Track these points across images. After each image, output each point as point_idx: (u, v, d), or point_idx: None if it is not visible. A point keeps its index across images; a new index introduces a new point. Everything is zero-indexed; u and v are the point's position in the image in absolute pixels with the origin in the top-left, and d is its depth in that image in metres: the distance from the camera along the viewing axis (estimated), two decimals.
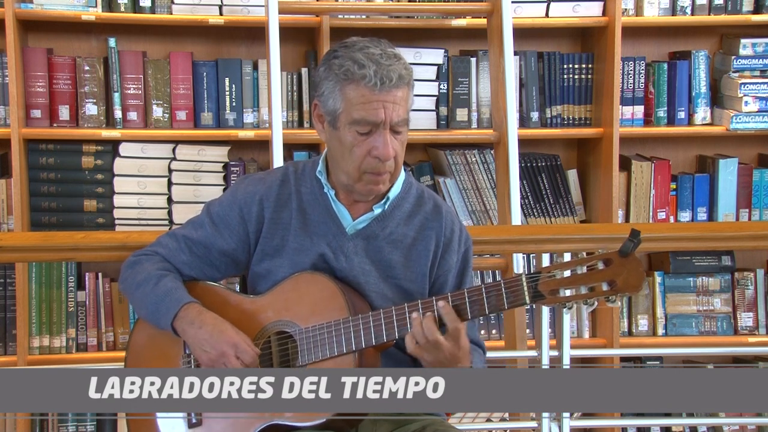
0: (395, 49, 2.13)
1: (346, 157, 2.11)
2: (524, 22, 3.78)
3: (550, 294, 1.98)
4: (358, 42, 2.12)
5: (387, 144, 2.08)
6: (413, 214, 2.22)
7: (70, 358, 3.65)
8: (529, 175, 3.87)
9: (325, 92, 2.12)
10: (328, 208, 2.20)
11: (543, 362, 2.91)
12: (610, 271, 1.95)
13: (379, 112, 2.06)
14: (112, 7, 3.66)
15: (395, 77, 2.06)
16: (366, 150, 2.09)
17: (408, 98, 2.12)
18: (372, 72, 2.05)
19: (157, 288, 2.19)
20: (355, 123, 2.08)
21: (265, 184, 2.24)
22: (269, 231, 2.21)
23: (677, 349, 3.95)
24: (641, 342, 3.92)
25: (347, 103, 2.08)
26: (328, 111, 2.12)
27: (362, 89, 2.06)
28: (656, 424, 3.89)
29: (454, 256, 2.24)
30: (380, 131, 2.08)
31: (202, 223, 2.26)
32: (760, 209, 3.99)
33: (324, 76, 2.12)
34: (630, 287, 1.95)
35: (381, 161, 2.09)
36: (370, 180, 2.12)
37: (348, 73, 2.07)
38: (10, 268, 3.64)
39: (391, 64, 2.07)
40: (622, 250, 1.94)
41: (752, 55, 3.92)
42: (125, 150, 3.70)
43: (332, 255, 2.18)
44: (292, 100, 3.79)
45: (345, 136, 2.10)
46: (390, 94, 2.07)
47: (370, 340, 2.07)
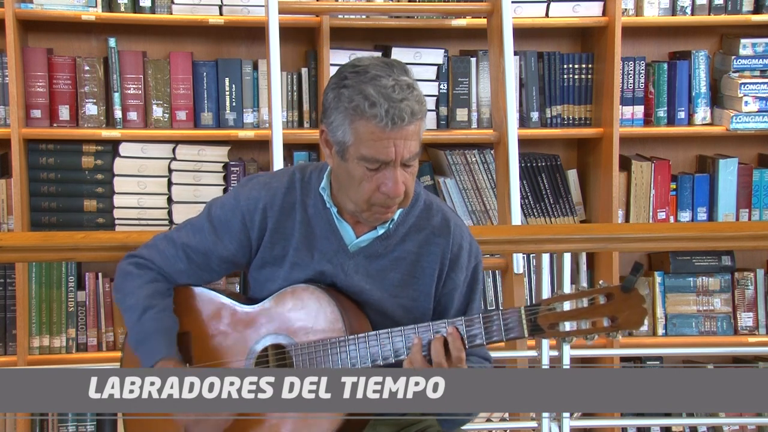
0: (409, 75, 2.03)
1: (354, 189, 2.03)
2: (524, 22, 3.78)
3: (550, 328, 1.94)
4: (369, 68, 2.00)
5: (397, 182, 2.00)
6: (419, 228, 2.15)
7: (70, 358, 3.65)
8: (529, 175, 3.87)
9: (334, 122, 2.01)
10: (330, 223, 2.14)
11: (543, 362, 2.91)
12: (612, 306, 1.92)
13: (389, 151, 1.98)
14: (112, 7, 3.67)
15: (407, 116, 1.97)
16: (375, 185, 2.01)
17: (420, 131, 2.03)
18: (383, 111, 1.94)
19: (140, 325, 2.15)
20: (364, 159, 1.99)
21: (270, 191, 2.17)
22: (271, 240, 2.16)
23: (677, 349, 3.94)
24: (641, 342, 3.92)
25: (357, 138, 1.98)
26: (337, 141, 2.02)
27: (372, 127, 1.96)
28: (656, 424, 3.89)
29: (462, 274, 2.17)
30: (390, 168, 1.99)
31: (201, 227, 2.21)
32: (760, 209, 3.99)
33: (333, 105, 2.01)
34: (631, 324, 1.92)
35: (390, 197, 2.03)
36: (378, 211, 2.05)
37: (358, 109, 1.96)
38: (10, 268, 3.63)
39: (403, 99, 1.96)
40: (625, 286, 1.91)
41: (752, 55, 3.92)
42: (125, 150, 3.70)
43: (332, 272, 2.13)
44: (292, 100, 3.78)
45: (354, 170, 2.01)
46: (401, 132, 1.97)
47: (367, 361, 2.04)
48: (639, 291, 1.91)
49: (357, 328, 2.08)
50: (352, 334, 2.06)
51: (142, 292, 2.18)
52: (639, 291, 1.91)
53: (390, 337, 2.04)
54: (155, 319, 2.16)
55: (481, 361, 2.20)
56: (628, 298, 1.91)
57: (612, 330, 1.93)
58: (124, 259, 2.27)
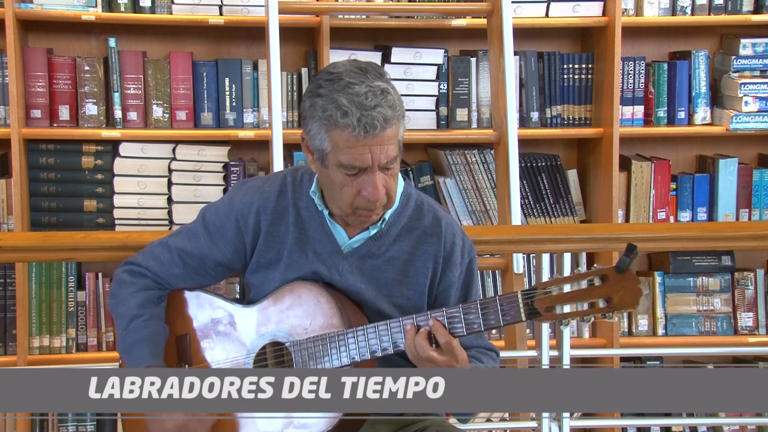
0: (384, 79, 2.03)
1: (337, 194, 2.06)
2: (524, 22, 3.78)
3: (547, 311, 1.97)
4: (343, 75, 2.00)
5: (377, 187, 2.02)
6: (411, 228, 2.17)
7: (70, 358, 3.65)
8: (529, 175, 3.87)
9: (311, 131, 2.04)
10: (323, 225, 2.16)
11: (543, 362, 2.91)
12: (607, 287, 1.95)
13: (365, 158, 1.99)
14: (112, 7, 3.67)
15: (380, 124, 1.97)
16: (356, 190, 2.03)
17: (398, 133, 2.04)
18: (355, 120, 1.96)
19: (128, 333, 2.18)
20: (342, 166, 2.01)
21: (263, 195, 2.19)
22: (265, 243, 2.18)
23: (677, 349, 3.94)
24: (641, 342, 3.92)
25: (334, 146, 2.01)
26: (316, 149, 2.05)
27: (347, 135, 1.98)
28: (656, 424, 3.89)
29: (456, 270, 2.19)
30: (369, 173, 2.01)
31: (196, 232, 2.22)
32: (760, 209, 3.99)
33: (309, 114, 2.04)
34: (626, 304, 1.94)
35: (371, 201, 2.04)
36: (363, 214, 2.08)
37: (331, 119, 1.98)
38: (10, 268, 3.64)
39: (375, 106, 1.96)
40: (619, 266, 1.93)
41: (752, 55, 3.92)
42: (125, 150, 3.70)
43: (327, 273, 2.15)
44: (292, 100, 3.78)
45: (334, 176, 2.04)
46: (377, 138, 1.98)
47: (366, 353, 2.06)
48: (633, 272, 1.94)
49: (355, 322, 2.10)
50: (350, 328, 2.07)
51: (133, 300, 2.21)
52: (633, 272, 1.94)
53: (388, 328, 2.05)
54: (143, 327, 2.18)
55: (485, 352, 2.21)
56: (622, 278, 1.93)
57: (608, 311, 1.95)
58: (120, 266, 2.29)
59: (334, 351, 2.07)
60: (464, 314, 2.02)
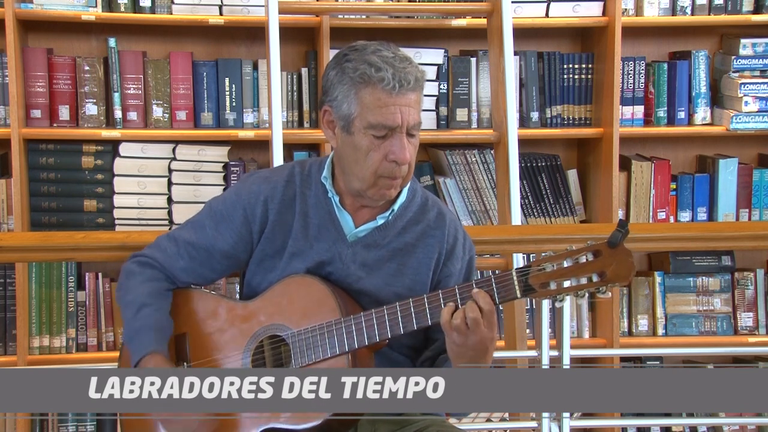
0: (404, 52, 2.12)
1: (361, 162, 2.09)
2: (524, 22, 3.78)
3: (541, 287, 1.98)
4: (368, 45, 2.10)
5: (404, 147, 2.08)
6: (416, 222, 2.20)
7: (70, 358, 3.65)
8: (529, 175, 3.87)
9: (338, 96, 2.09)
10: (331, 213, 2.18)
11: (543, 362, 2.91)
12: (600, 262, 1.96)
13: (396, 117, 2.06)
14: (112, 7, 3.67)
15: (412, 80, 2.06)
16: (383, 154, 2.08)
17: (421, 102, 2.12)
18: (390, 75, 2.04)
19: (136, 320, 2.18)
20: (372, 127, 2.06)
21: (270, 184, 2.21)
22: (272, 233, 2.19)
23: (677, 349, 3.95)
24: (641, 342, 3.92)
25: (363, 107, 2.06)
26: (342, 116, 2.09)
27: (379, 92, 2.05)
28: (656, 424, 3.89)
29: (458, 264, 2.22)
30: (397, 135, 2.07)
31: (202, 223, 2.24)
32: (760, 209, 3.99)
33: (337, 80, 2.10)
34: (619, 278, 1.95)
35: (398, 165, 2.08)
36: (385, 184, 2.11)
37: (364, 76, 2.05)
38: (10, 268, 3.64)
39: (405, 67, 2.06)
40: (611, 241, 1.95)
41: (752, 55, 3.92)
42: (125, 150, 3.70)
43: (330, 260, 2.16)
44: (292, 100, 3.79)
45: (360, 141, 2.08)
46: (405, 98, 2.06)
47: (363, 340, 2.07)
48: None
49: (351, 311, 2.11)
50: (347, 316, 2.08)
51: (142, 289, 2.21)
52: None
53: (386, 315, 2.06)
54: (150, 316, 2.18)
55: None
56: (615, 253, 1.95)
57: (601, 284, 1.96)
58: (128, 259, 2.30)
59: (332, 340, 2.08)
60: (460, 294, 2.02)
